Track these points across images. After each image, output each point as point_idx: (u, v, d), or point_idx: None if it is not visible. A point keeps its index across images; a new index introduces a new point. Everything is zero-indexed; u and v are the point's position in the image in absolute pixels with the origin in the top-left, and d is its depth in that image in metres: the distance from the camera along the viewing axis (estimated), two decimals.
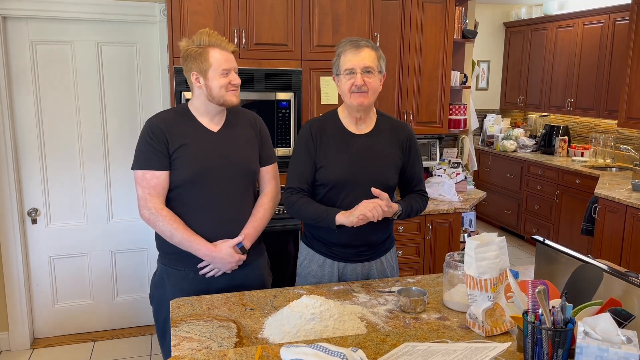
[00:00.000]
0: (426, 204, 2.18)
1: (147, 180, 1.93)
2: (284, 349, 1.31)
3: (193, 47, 1.92)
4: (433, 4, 3.62)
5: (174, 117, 2.00)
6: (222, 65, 1.92)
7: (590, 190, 4.68)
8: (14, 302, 3.33)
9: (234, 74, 1.96)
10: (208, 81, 1.93)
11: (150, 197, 1.93)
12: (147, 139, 1.94)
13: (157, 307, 2.09)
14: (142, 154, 1.94)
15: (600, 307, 1.41)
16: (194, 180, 1.95)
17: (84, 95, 3.30)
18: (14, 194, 3.21)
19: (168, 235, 1.94)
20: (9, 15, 3.06)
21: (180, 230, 1.92)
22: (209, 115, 2.01)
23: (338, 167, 2.02)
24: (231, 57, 1.96)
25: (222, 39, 1.95)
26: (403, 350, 1.40)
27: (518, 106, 6.71)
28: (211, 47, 1.92)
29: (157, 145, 1.92)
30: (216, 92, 1.94)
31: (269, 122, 3.08)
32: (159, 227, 1.94)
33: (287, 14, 3.06)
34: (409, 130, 2.14)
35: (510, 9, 6.81)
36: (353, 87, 1.95)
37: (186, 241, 1.93)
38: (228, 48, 1.95)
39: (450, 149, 4.17)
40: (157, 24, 3.30)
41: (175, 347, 1.51)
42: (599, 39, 5.37)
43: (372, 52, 1.97)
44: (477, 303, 1.58)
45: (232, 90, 1.96)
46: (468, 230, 3.97)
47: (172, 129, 1.95)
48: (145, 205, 1.94)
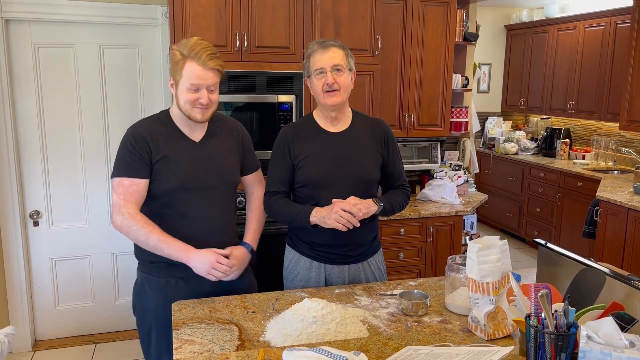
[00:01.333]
0: (408, 198, 2.18)
1: (125, 187, 1.85)
2: (286, 353, 1.31)
3: (176, 53, 1.85)
4: (434, 7, 3.63)
5: (157, 125, 1.93)
6: (191, 79, 1.82)
7: (591, 193, 4.67)
8: (15, 304, 3.33)
9: (204, 92, 1.85)
10: (177, 92, 1.88)
11: (125, 202, 1.84)
12: (129, 146, 1.87)
13: (140, 316, 2.02)
14: (123, 161, 1.87)
15: (603, 311, 1.41)
16: (176, 192, 1.89)
17: (86, 97, 3.31)
18: (15, 196, 3.22)
19: (143, 240, 1.83)
20: (11, 17, 3.07)
21: (155, 233, 1.82)
22: (188, 124, 1.94)
23: (317, 166, 2.05)
24: (207, 74, 1.84)
25: (206, 52, 1.83)
26: (406, 354, 1.40)
27: (519, 109, 6.71)
28: (189, 59, 1.82)
29: (140, 153, 1.86)
30: (182, 104, 1.87)
31: (271, 125, 3.09)
32: (133, 232, 1.82)
33: (289, 17, 3.07)
34: (385, 126, 2.17)
35: (511, 11, 6.81)
36: (325, 86, 1.98)
37: (162, 243, 1.82)
38: (207, 64, 1.82)
39: (452, 151, 4.17)
40: (159, 26, 3.31)
41: (177, 350, 1.51)
42: (601, 41, 5.37)
43: (339, 51, 2.01)
44: (479, 306, 1.58)
45: (199, 108, 1.86)
46: (469, 233, 3.97)
47: (155, 138, 1.89)
48: (118, 211, 1.83)
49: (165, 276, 1.95)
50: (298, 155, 2.07)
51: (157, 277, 1.96)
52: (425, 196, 3.78)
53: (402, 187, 2.18)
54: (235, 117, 3.05)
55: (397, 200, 2.11)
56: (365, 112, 3.26)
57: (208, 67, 1.83)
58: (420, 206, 3.61)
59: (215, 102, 1.92)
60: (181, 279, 1.95)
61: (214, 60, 1.84)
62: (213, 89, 1.89)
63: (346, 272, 2.11)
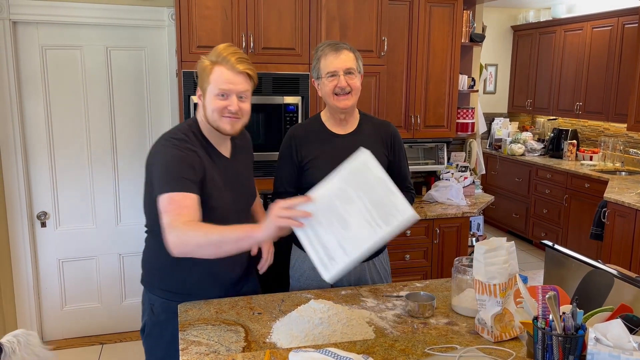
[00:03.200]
0: (412, 199, 2.18)
1: (176, 201, 1.60)
2: (293, 354, 1.31)
3: (204, 61, 1.73)
4: (441, 8, 3.62)
5: (194, 140, 1.75)
6: (219, 85, 1.69)
7: (599, 194, 4.64)
8: (23, 305, 3.35)
9: (234, 99, 1.70)
10: (205, 101, 1.73)
11: (178, 216, 1.57)
12: (179, 161, 1.66)
13: (153, 343, 1.90)
14: (172, 177, 1.64)
15: (611, 313, 1.40)
16: (214, 212, 1.71)
17: (93, 99, 3.32)
18: (23, 197, 3.24)
19: (204, 241, 1.53)
20: (19, 20, 3.09)
21: (213, 228, 1.54)
22: (216, 138, 1.80)
23: (323, 167, 2.03)
24: (237, 79, 1.70)
25: (235, 55, 1.70)
26: None
27: (526, 110, 6.68)
28: (217, 65, 1.69)
29: (193, 169, 1.67)
30: (209, 114, 1.72)
31: (277, 126, 3.09)
32: (190, 237, 1.54)
33: (295, 19, 3.07)
34: (392, 128, 2.17)
35: (518, 12, 6.79)
36: (336, 89, 1.98)
37: (225, 233, 1.53)
38: (237, 68, 1.69)
39: (458, 152, 4.16)
40: (165, 28, 3.32)
41: (183, 351, 1.51)
42: (608, 42, 5.34)
43: (351, 54, 2.01)
44: (486, 308, 1.57)
45: (228, 117, 1.71)
46: (476, 235, 3.96)
47: (199, 154, 1.73)
48: (171, 228, 1.55)
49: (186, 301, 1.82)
50: (305, 157, 2.08)
51: (178, 302, 1.82)
52: (431, 197, 3.77)
53: (407, 190, 2.18)
54: None
55: None
56: (371, 113, 3.26)
57: (237, 71, 1.69)
58: (426, 207, 3.60)
59: (247, 112, 1.76)
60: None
61: (244, 63, 1.71)
62: (244, 96, 1.74)
63: (352, 271, 2.10)
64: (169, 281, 1.86)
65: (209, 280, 1.86)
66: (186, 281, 1.85)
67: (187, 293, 1.85)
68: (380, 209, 1.37)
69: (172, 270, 1.83)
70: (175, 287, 1.86)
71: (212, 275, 1.86)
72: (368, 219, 1.37)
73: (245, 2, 2.96)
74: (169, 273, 1.84)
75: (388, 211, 1.37)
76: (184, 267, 1.81)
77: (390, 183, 1.42)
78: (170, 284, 1.86)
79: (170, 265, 1.80)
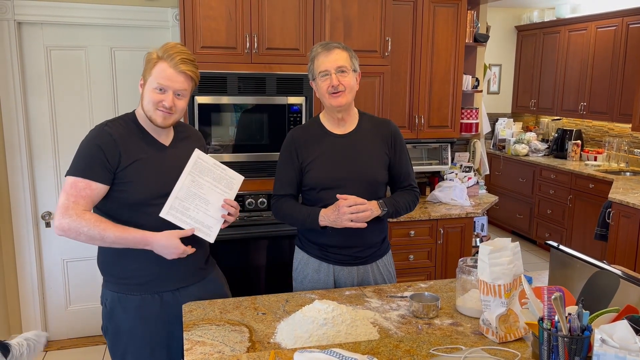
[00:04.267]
0: (416, 198, 2.16)
1: (79, 189, 1.72)
2: (298, 354, 1.31)
3: (153, 53, 1.80)
4: (445, 8, 3.61)
5: (125, 128, 1.84)
6: (158, 79, 1.76)
7: (603, 194, 4.63)
8: (27, 305, 3.36)
9: (170, 95, 1.77)
10: (144, 91, 1.81)
11: (75, 204, 1.70)
12: (94, 147, 1.75)
13: (113, 339, 1.90)
14: (84, 161, 1.75)
15: (617, 314, 1.40)
16: (147, 202, 1.79)
17: (97, 99, 3.33)
18: (28, 198, 3.25)
19: (99, 238, 1.70)
20: (24, 20, 3.10)
21: (110, 229, 1.70)
22: (154, 128, 1.86)
23: (323, 169, 2.06)
24: (177, 77, 1.77)
25: (180, 55, 1.77)
26: None
27: (530, 110, 6.66)
28: (161, 60, 1.77)
29: (106, 157, 1.75)
30: (145, 104, 1.80)
31: (280, 127, 3.09)
32: (84, 232, 1.68)
33: (299, 19, 3.07)
34: (392, 126, 2.16)
35: (522, 12, 6.77)
36: (330, 88, 1.99)
37: (120, 235, 1.71)
38: (179, 67, 1.76)
39: (462, 153, 4.15)
40: (169, 29, 3.33)
41: (187, 352, 1.51)
42: (612, 42, 5.32)
43: (343, 52, 2.02)
44: (490, 309, 1.57)
45: (161, 111, 1.78)
46: (480, 235, 3.95)
47: (125, 141, 1.80)
48: (65, 213, 1.69)
49: (140, 293, 1.84)
50: (305, 159, 2.08)
51: (132, 295, 1.84)
52: (435, 198, 3.76)
53: (410, 188, 2.16)
54: (245, 119, 3.08)
55: (403, 202, 2.10)
56: (375, 113, 3.27)
57: (179, 70, 1.77)
58: (430, 208, 3.59)
59: (181, 109, 1.83)
60: (157, 294, 1.85)
61: (187, 64, 1.78)
62: (181, 95, 1.81)
63: (355, 273, 2.10)
64: (116, 271, 1.86)
65: (154, 269, 1.85)
66: (127, 269, 1.84)
67: (135, 283, 1.84)
68: (222, 182, 1.90)
69: (118, 259, 1.84)
70: (123, 277, 1.85)
71: (159, 264, 1.83)
72: (218, 191, 1.89)
73: (249, 3, 2.97)
74: (115, 262, 1.85)
75: (228, 182, 1.92)
76: (129, 256, 1.82)
77: (221, 165, 1.92)
78: (117, 273, 1.86)
79: (114, 255, 1.84)
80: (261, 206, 3.11)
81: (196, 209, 1.84)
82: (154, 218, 1.78)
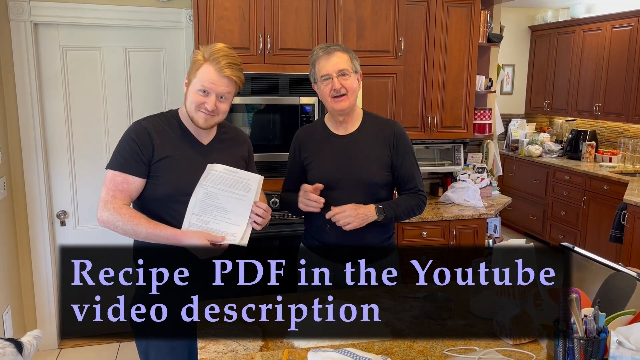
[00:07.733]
0: (421, 202, 2.12)
1: (117, 183, 1.79)
2: (312, 353, 1.31)
3: (199, 54, 1.82)
4: (458, 8, 3.60)
5: (164, 123, 1.88)
6: (202, 82, 1.78)
7: (618, 196, 4.58)
8: (42, 303, 3.40)
9: (212, 98, 1.79)
10: (188, 91, 1.84)
11: (114, 198, 1.77)
12: (130, 141, 1.81)
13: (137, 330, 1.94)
14: (121, 155, 1.82)
15: (634, 316, 1.38)
16: (174, 197, 1.81)
17: (112, 100, 3.36)
18: (44, 197, 3.28)
19: (132, 233, 1.75)
20: (40, 22, 3.14)
21: (143, 224, 1.74)
22: (195, 127, 1.88)
23: (322, 169, 2.09)
24: (221, 81, 1.79)
25: (226, 59, 1.79)
26: None
27: (543, 111, 6.61)
28: (207, 62, 1.79)
29: (140, 150, 1.80)
30: (188, 104, 1.83)
31: (293, 127, 3.09)
32: (119, 226, 1.74)
33: (312, 19, 3.07)
34: (396, 127, 2.13)
35: (536, 12, 6.72)
36: (332, 92, 2.00)
37: (151, 231, 1.74)
38: (223, 71, 1.78)
39: (475, 153, 4.13)
40: (183, 29, 3.35)
41: (201, 350, 1.52)
42: (628, 42, 5.27)
43: (344, 55, 2.02)
44: (504, 310, 1.56)
45: (203, 113, 1.81)
46: (493, 236, 3.92)
47: (161, 136, 1.84)
48: (104, 206, 1.76)
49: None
50: (306, 158, 2.13)
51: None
52: (448, 199, 3.75)
53: (415, 192, 2.12)
54: (258, 119, 3.09)
55: (404, 206, 2.08)
56: (387, 114, 3.26)
57: (223, 74, 1.78)
58: (442, 209, 3.58)
59: (223, 112, 1.85)
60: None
61: (232, 69, 1.79)
62: (224, 98, 1.83)
63: (358, 272, 2.10)
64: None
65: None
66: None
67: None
68: (237, 186, 1.82)
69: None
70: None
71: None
72: (235, 197, 1.81)
73: (262, 3, 2.98)
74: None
75: (243, 184, 1.83)
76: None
77: (232, 169, 1.84)
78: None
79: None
80: (273, 206, 3.12)
81: (216, 221, 1.79)
82: (181, 215, 1.79)
